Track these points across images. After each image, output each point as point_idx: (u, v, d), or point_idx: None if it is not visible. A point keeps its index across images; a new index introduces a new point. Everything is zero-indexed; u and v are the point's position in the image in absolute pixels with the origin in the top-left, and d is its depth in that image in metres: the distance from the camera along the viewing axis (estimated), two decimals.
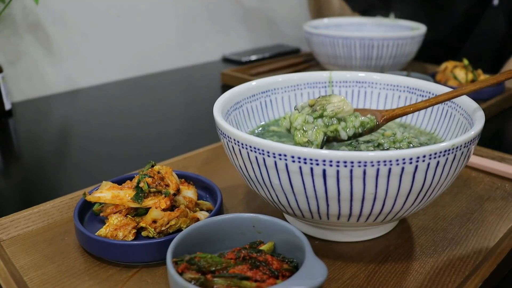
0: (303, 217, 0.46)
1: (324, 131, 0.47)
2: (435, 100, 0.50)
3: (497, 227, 0.53)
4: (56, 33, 1.13)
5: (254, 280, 0.37)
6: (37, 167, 0.76)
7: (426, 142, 0.54)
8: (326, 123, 0.48)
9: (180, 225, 0.49)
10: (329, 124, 0.47)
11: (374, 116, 0.50)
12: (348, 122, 0.48)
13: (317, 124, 0.47)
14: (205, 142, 0.74)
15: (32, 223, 0.54)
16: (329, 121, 0.48)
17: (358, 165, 0.39)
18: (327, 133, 0.47)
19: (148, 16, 1.30)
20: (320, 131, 0.47)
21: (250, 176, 0.46)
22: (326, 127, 0.47)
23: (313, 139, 0.46)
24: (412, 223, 0.54)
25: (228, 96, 0.55)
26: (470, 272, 0.45)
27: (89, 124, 0.96)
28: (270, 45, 1.62)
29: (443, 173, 0.42)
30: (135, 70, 1.30)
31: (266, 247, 0.42)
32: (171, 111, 1.04)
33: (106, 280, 0.45)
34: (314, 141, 0.46)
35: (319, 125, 0.47)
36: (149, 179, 0.50)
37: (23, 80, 1.10)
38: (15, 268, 0.47)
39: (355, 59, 1.07)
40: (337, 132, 0.48)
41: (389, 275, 0.45)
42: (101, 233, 0.48)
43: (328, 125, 0.47)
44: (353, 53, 1.05)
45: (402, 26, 1.20)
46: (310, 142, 0.46)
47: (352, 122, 0.48)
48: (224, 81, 1.16)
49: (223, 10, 1.49)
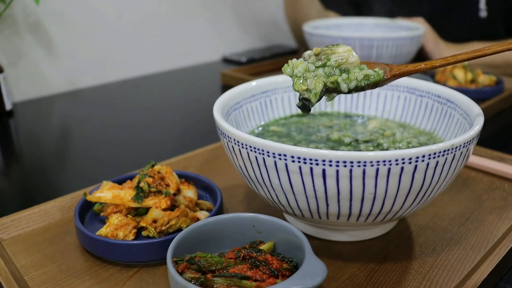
0: (303, 217, 0.46)
1: (324, 81, 0.46)
2: (454, 59, 0.45)
3: (496, 227, 0.53)
4: (57, 33, 1.13)
5: (254, 279, 0.38)
6: (38, 167, 0.77)
7: (426, 142, 0.55)
8: (327, 73, 0.46)
9: (180, 225, 0.49)
10: (330, 74, 0.46)
11: (383, 71, 0.47)
12: (351, 74, 0.46)
13: (318, 74, 0.46)
14: (205, 142, 0.74)
15: (32, 222, 0.54)
16: (330, 72, 0.46)
17: (357, 165, 0.39)
18: (327, 83, 0.46)
19: (148, 16, 1.31)
20: (320, 80, 0.45)
21: (250, 176, 0.46)
22: (326, 77, 0.46)
23: (312, 87, 0.45)
24: (411, 222, 0.54)
25: (228, 96, 0.55)
26: (469, 271, 0.45)
27: (89, 124, 0.96)
28: (270, 45, 1.62)
29: (442, 173, 0.42)
30: (135, 70, 1.30)
31: (266, 246, 0.42)
32: (172, 111, 1.04)
33: (106, 279, 0.46)
34: (313, 90, 0.45)
35: (320, 74, 0.45)
36: (149, 179, 0.51)
37: (24, 80, 1.10)
38: (16, 268, 0.47)
39: None
40: (337, 84, 0.46)
41: (388, 275, 0.46)
42: (102, 233, 0.48)
43: (329, 75, 0.46)
44: None
45: (401, 26, 1.20)
46: (308, 90, 0.45)
47: (355, 74, 0.46)
48: (224, 82, 1.16)
49: (224, 10, 1.49)
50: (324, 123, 0.61)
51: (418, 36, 1.09)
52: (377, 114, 0.63)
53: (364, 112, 0.63)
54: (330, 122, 0.61)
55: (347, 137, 0.55)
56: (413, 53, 1.12)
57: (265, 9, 1.61)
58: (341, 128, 0.59)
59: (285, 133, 0.58)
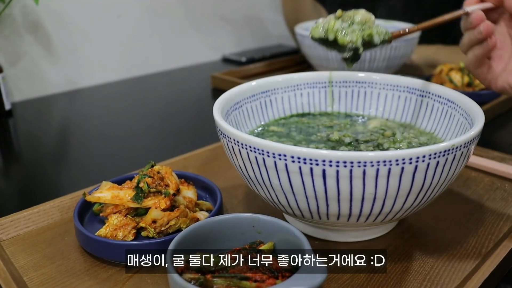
0: (303, 217, 0.46)
1: (361, 34, 0.50)
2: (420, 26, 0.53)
3: (497, 228, 0.53)
4: (56, 33, 1.13)
5: (253, 280, 0.37)
6: (37, 167, 0.76)
7: (426, 142, 0.54)
8: (361, 28, 0.50)
9: (180, 225, 0.49)
10: (364, 29, 0.50)
11: None
12: (378, 28, 0.51)
13: (354, 29, 0.50)
14: (205, 142, 0.74)
15: (32, 223, 0.54)
16: (363, 27, 0.50)
17: (358, 165, 0.39)
18: (364, 36, 0.50)
19: (148, 16, 1.30)
20: (359, 33, 0.50)
21: (250, 176, 0.46)
22: (362, 31, 0.50)
23: (354, 40, 0.49)
24: (412, 223, 0.54)
25: (228, 96, 0.55)
26: (470, 272, 0.45)
27: (89, 124, 0.96)
28: (270, 45, 1.62)
29: (442, 173, 0.42)
30: (135, 70, 1.30)
31: (266, 247, 0.42)
32: (172, 111, 1.04)
33: (106, 280, 0.45)
34: (357, 41, 0.49)
35: (356, 29, 0.50)
36: (149, 179, 0.50)
37: (23, 80, 1.10)
38: (15, 268, 0.47)
39: None
40: (371, 37, 0.50)
41: (388, 275, 0.45)
42: (101, 233, 0.48)
43: (363, 30, 0.50)
44: None
45: (396, 27, 1.19)
46: (352, 41, 0.49)
47: (380, 28, 0.51)
48: (214, 85, 1.15)
49: (224, 10, 1.49)
50: (324, 123, 0.60)
51: (413, 38, 1.07)
52: (377, 114, 0.63)
53: (365, 112, 0.63)
54: (330, 122, 0.61)
55: (347, 137, 0.55)
56: (408, 55, 1.10)
57: (266, 9, 1.61)
58: (341, 128, 0.59)
59: (285, 133, 0.58)
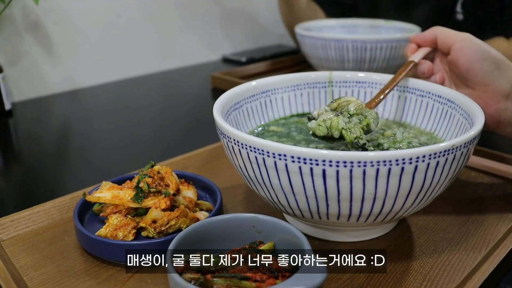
0: (303, 217, 0.46)
1: (361, 126, 0.51)
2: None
3: (496, 227, 0.53)
4: (56, 33, 1.13)
5: (253, 280, 0.37)
6: (37, 167, 0.76)
7: (426, 142, 0.54)
8: (359, 120, 0.51)
9: (180, 225, 0.49)
10: (361, 120, 0.51)
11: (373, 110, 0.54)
12: (371, 115, 0.52)
13: (355, 122, 0.51)
14: (205, 142, 0.74)
15: (32, 223, 0.54)
16: (359, 118, 0.51)
17: (357, 165, 0.39)
18: (363, 127, 0.51)
19: (148, 16, 1.30)
20: (358, 126, 0.50)
21: (250, 176, 0.46)
22: (360, 123, 0.51)
23: (358, 134, 0.50)
24: (412, 223, 0.54)
25: (228, 96, 0.55)
26: (470, 272, 0.45)
27: (89, 124, 0.96)
28: (269, 45, 1.62)
29: (442, 173, 0.42)
30: (135, 70, 1.30)
31: (266, 247, 0.42)
32: (171, 111, 1.04)
33: (106, 280, 0.46)
34: (361, 135, 0.50)
35: (356, 122, 0.51)
36: (149, 179, 0.50)
37: (23, 80, 1.10)
38: (15, 268, 0.47)
39: (348, 62, 1.04)
40: (368, 126, 0.51)
41: (388, 275, 0.45)
42: (101, 233, 0.48)
43: (361, 121, 0.51)
44: (345, 55, 1.03)
45: (396, 28, 1.19)
46: (358, 137, 0.50)
47: (371, 114, 0.52)
48: (214, 85, 1.15)
49: (224, 10, 1.49)
50: None
51: None
52: None
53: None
54: None
55: None
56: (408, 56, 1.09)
57: (265, 9, 1.61)
58: None
59: (285, 133, 0.58)
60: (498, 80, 0.54)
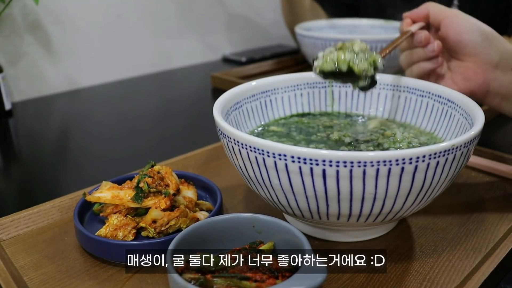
0: (303, 217, 0.46)
1: (368, 61, 0.52)
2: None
3: (496, 227, 0.53)
4: (56, 33, 1.13)
5: (253, 280, 0.37)
6: (37, 167, 0.76)
7: (426, 142, 0.54)
8: (365, 56, 0.52)
9: (180, 225, 0.49)
10: (368, 57, 0.52)
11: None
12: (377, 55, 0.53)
13: (361, 57, 0.52)
14: (205, 142, 0.74)
15: (32, 223, 0.54)
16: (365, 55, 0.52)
17: (358, 165, 0.39)
18: (370, 63, 0.52)
19: (148, 16, 1.30)
20: (365, 61, 0.52)
21: (250, 176, 0.46)
22: (366, 59, 0.52)
23: (367, 67, 0.51)
24: (412, 223, 0.54)
25: (228, 96, 0.55)
26: (470, 272, 0.45)
27: (89, 124, 0.96)
28: (270, 45, 1.62)
29: (442, 173, 0.42)
30: (135, 70, 1.30)
31: (266, 247, 0.42)
32: (172, 110, 1.04)
33: (106, 280, 0.45)
34: (369, 68, 0.51)
35: (362, 57, 0.52)
36: (149, 179, 0.50)
37: (23, 80, 1.10)
38: (15, 268, 0.47)
39: None
40: (375, 63, 0.52)
41: (388, 275, 0.45)
42: (101, 233, 0.48)
43: (367, 57, 0.52)
44: None
45: (396, 28, 1.18)
46: (365, 69, 0.51)
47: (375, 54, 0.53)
48: (214, 85, 1.15)
49: (224, 10, 1.49)
50: (324, 123, 0.60)
51: None
52: (377, 114, 0.63)
53: (365, 112, 0.63)
54: (330, 122, 0.61)
55: (347, 137, 0.55)
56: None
57: (266, 9, 1.61)
58: (341, 128, 0.59)
59: (285, 133, 0.58)
60: (486, 50, 0.56)
